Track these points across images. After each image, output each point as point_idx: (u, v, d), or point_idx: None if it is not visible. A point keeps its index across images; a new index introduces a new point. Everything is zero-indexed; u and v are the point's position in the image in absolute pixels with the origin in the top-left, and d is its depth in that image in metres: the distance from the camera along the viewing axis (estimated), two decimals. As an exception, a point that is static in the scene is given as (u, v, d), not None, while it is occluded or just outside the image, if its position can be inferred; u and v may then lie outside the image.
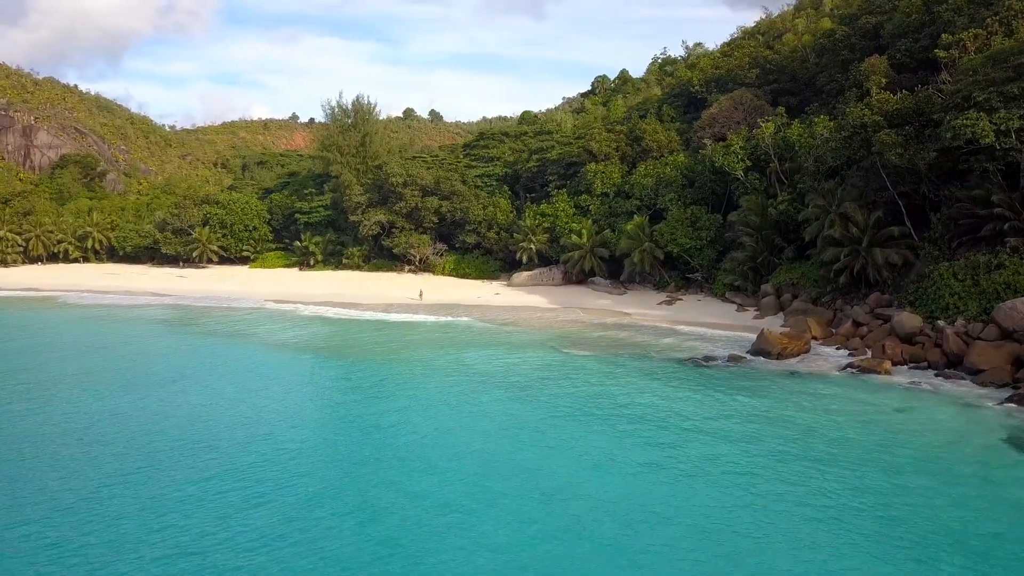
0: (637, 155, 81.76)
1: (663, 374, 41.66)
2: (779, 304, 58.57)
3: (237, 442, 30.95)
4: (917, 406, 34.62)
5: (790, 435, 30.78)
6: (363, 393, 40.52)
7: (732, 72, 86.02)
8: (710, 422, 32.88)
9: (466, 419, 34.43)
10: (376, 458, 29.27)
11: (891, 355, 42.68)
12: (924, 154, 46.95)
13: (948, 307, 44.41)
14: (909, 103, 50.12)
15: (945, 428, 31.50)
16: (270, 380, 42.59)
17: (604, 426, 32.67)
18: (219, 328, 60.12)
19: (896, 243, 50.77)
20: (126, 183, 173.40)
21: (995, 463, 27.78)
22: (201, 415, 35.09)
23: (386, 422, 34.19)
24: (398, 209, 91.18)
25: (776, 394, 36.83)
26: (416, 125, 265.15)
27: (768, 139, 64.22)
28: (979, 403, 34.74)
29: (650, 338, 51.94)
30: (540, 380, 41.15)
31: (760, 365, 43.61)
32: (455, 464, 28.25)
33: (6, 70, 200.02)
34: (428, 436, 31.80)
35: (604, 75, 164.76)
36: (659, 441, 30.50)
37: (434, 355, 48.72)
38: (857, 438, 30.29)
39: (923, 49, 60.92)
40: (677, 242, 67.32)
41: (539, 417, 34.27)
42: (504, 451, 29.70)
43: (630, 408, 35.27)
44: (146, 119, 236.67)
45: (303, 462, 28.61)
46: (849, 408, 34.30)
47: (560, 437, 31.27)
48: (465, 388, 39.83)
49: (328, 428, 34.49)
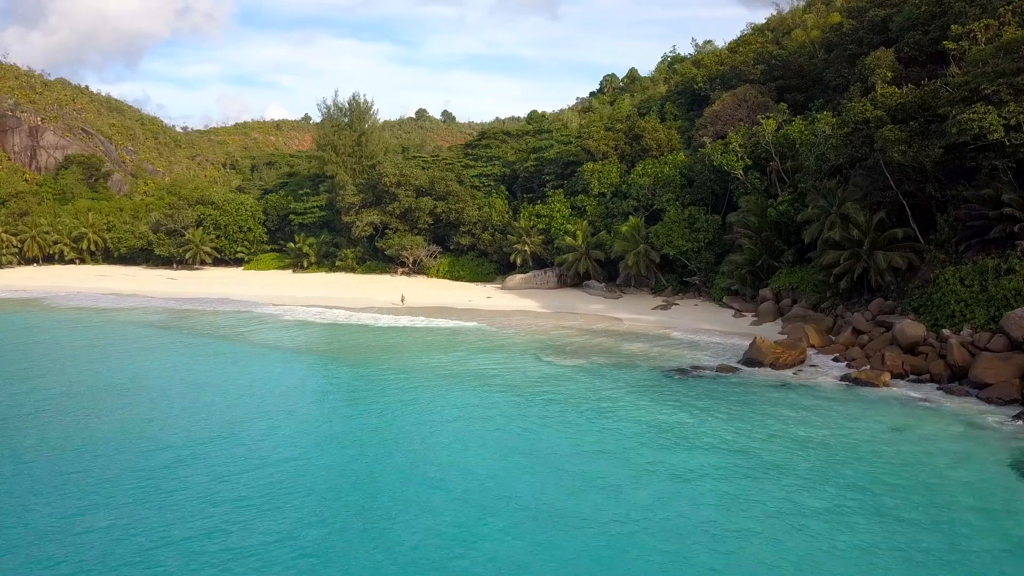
0: (636, 154, 79.01)
1: (644, 386, 38.98)
2: (778, 310, 55.70)
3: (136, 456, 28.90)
4: (915, 425, 31.75)
5: (767, 460, 28.01)
6: (307, 404, 38.06)
7: (737, 68, 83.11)
8: (678, 446, 30.04)
9: (401, 445, 31.10)
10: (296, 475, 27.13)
11: (891, 366, 39.76)
12: (929, 151, 43.97)
13: (954, 315, 41.45)
14: (914, 97, 47.15)
15: (944, 451, 28.63)
16: (216, 390, 40.27)
17: (560, 450, 29.74)
18: (190, 332, 58.08)
19: (900, 246, 47.78)
20: (132, 184, 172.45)
21: (998, 494, 24.90)
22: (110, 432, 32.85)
23: (310, 440, 31.96)
24: (391, 210, 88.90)
25: (760, 410, 34.05)
26: (428, 126, 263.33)
27: (769, 136, 61.31)
28: (983, 421, 31.83)
29: (639, 346, 49.23)
30: (510, 393, 38.54)
31: (750, 376, 40.81)
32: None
33: (15, 71, 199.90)
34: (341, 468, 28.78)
35: (612, 74, 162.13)
36: (612, 474, 27.27)
37: (403, 363, 46.58)
38: (844, 464, 27.49)
39: (932, 42, 57.95)
40: (673, 244, 64.49)
41: (489, 440, 31.34)
42: (422, 480, 27.08)
43: (597, 428, 32.48)
44: (156, 120, 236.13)
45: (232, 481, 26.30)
46: (839, 427, 31.49)
47: (495, 469, 27.93)
48: (424, 404, 37.37)
49: (263, 442, 32.02)
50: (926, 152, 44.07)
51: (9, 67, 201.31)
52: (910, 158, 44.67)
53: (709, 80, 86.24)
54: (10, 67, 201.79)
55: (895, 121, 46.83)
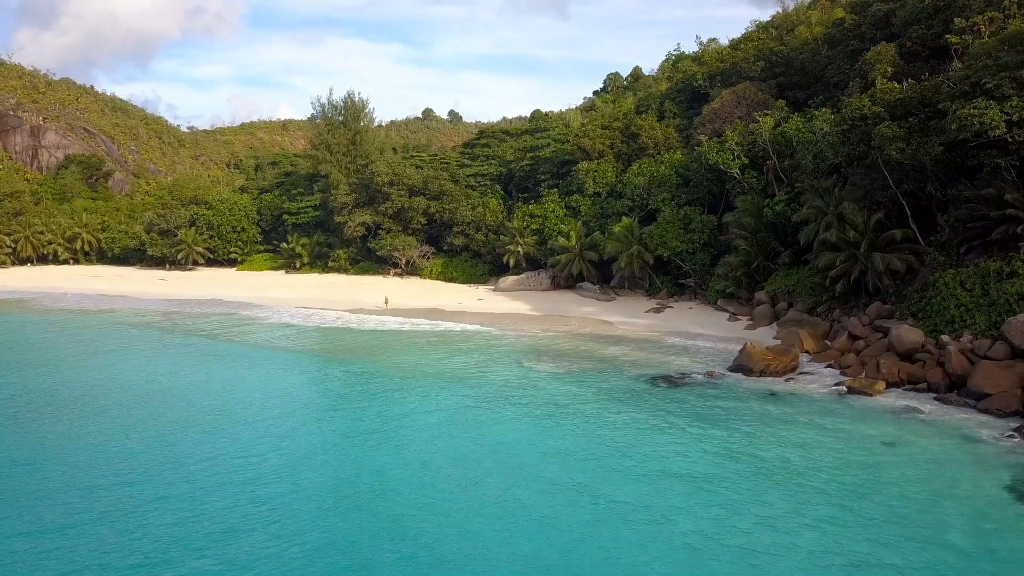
0: (633, 153, 77.15)
1: (624, 395, 37.19)
2: (774, 313, 53.77)
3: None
4: (908, 439, 29.83)
5: (741, 482, 26.05)
6: (266, 412, 36.00)
7: (737, 66, 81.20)
8: (650, 459, 28.17)
9: (364, 460, 29.64)
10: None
11: (886, 374, 37.82)
12: (929, 148, 41.99)
13: (953, 320, 39.48)
14: (913, 92, 45.19)
15: (937, 469, 26.70)
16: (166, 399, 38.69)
17: (522, 464, 28.01)
18: (168, 334, 56.72)
19: (899, 248, 45.82)
20: (134, 183, 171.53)
21: (993, 517, 23.00)
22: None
23: (258, 449, 30.29)
24: (384, 210, 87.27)
25: (742, 423, 32.17)
26: (435, 125, 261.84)
27: (766, 134, 59.36)
28: (981, 435, 29.87)
29: (626, 351, 47.43)
30: (481, 402, 36.76)
31: (738, 384, 38.94)
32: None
33: (19, 71, 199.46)
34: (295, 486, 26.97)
35: (616, 72, 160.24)
36: (569, 488, 25.72)
37: (376, 368, 45.20)
38: (828, 482, 25.61)
39: (936, 36, 55.90)
40: (667, 245, 62.61)
41: (437, 453, 29.56)
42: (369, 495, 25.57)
43: (566, 439, 30.75)
44: (160, 119, 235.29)
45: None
46: (823, 442, 29.58)
47: (453, 485, 26.31)
48: (393, 410, 35.88)
49: (204, 446, 30.56)
50: (925, 150, 42.11)
51: (13, 67, 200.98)
52: (909, 156, 42.71)
53: (709, 77, 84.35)
54: (14, 67, 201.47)
55: (894, 118, 44.89)
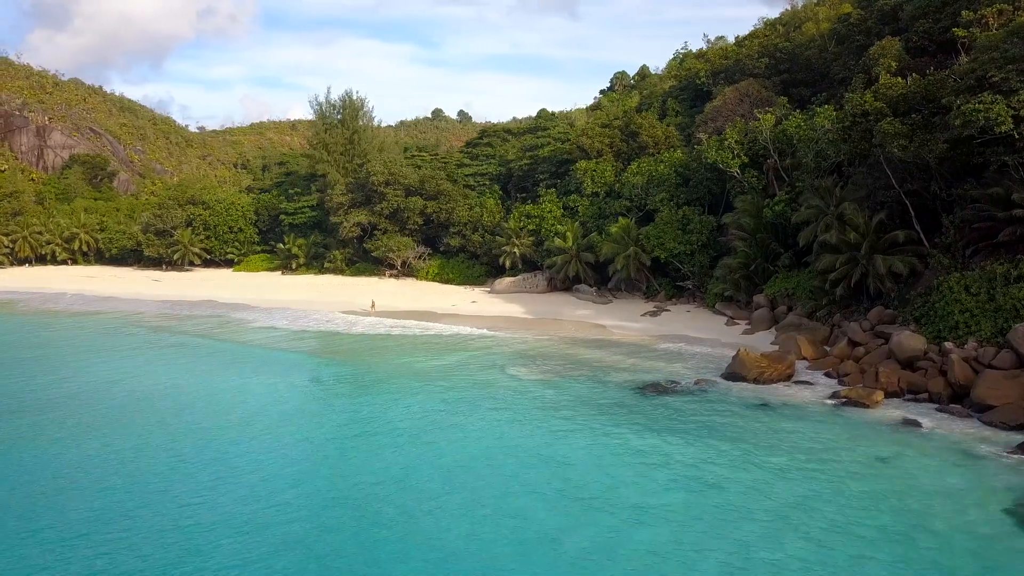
0: (633, 152, 75.34)
1: (607, 405, 35.42)
2: (773, 317, 51.83)
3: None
4: (903, 455, 27.91)
5: (721, 499, 24.29)
6: (215, 421, 34.27)
7: (741, 62, 79.34)
8: (624, 479, 26.27)
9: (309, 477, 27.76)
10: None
11: (885, 384, 35.88)
12: (932, 146, 40.00)
13: (957, 326, 37.47)
14: (917, 87, 43.19)
15: (934, 489, 24.76)
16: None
17: (463, 487, 25.90)
18: (148, 336, 55.48)
19: (902, 250, 43.78)
20: (139, 183, 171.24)
21: (994, 547, 21.03)
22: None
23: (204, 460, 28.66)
24: (379, 210, 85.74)
25: (728, 436, 30.32)
26: (444, 125, 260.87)
27: (767, 132, 57.41)
28: (983, 451, 27.92)
29: (617, 357, 45.65)
30: (452, 412, 35.01)
31: (728, 393, 37.08)
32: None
33: (27, 71, 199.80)
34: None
35: (623, 71, 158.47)
36: (526, 512, 23.77)
37: (351, 373, 43.91)
38: (808, 506, 23.68)
39: (943, 30, 53.83)
40: (665, 246, 60.72)
41: (392, 473, 27.57)
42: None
43: (522, 457, 28.71)
44: (169, 120, 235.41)
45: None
46: (814, 458, 27.71)
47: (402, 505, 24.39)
48: (343, 420, 34.28)
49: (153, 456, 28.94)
50: (929, 147, 40.13)
51: (21, 67, 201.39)
52: (911, 154, 40.78)
53: (713, 75, 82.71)
54: (21, 67, 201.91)
55: (897, 114, 42.94)
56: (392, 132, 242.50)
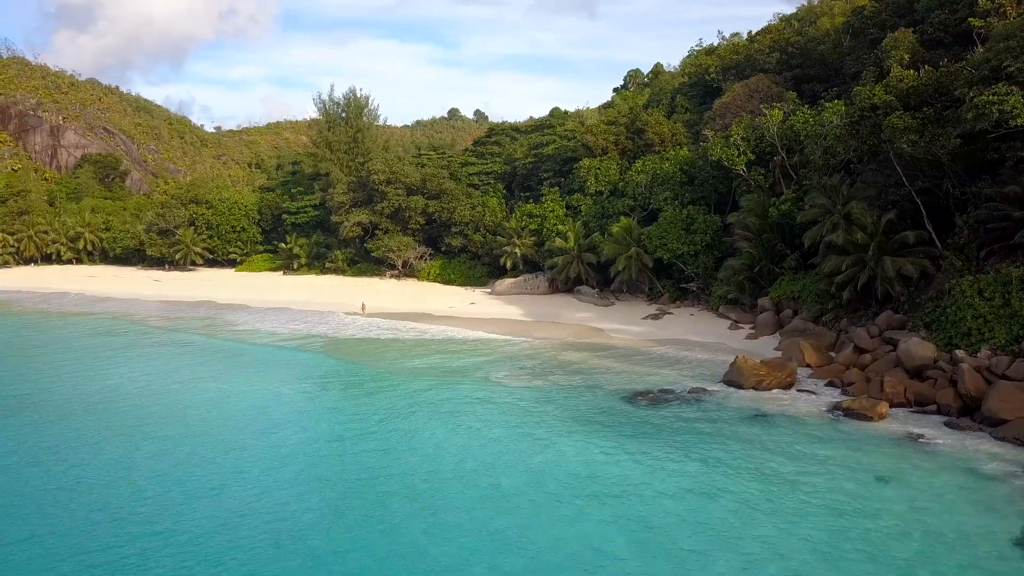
0: (639, 150, 73.19)
1: (593, 415, 33.41)
2: (778, 321, 49.61)
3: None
4: (905, 474, 25.72)
5: (703, 520, 22.33)
6: (160, 431, 32.36)
7: (751, 58, 77.01)
8: (588, 504, 24.13)
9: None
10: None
11: (891, 394, 33.64)
12: (944, 141, 37.73)
13: (970, 333, 35.16)
14: (929, 80, 40.82)
15: (936, 515, 22.56)
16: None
17: (439, 507, 24.01)
18: (126, 338, 54.17)
19: (912, 251, 41.44)
20: (152, 183, 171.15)
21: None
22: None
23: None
24: (381, 209, 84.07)
25: (717, 451, 28.22)
26: (460, 125, 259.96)
27: (774, 128, 55.10)
28: (993, 470, 25.69)
29: (611, 362, 43.61)
30: (424, 422, 33.20)
31: (724, 402, 34.96)
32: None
33: (43, 71, 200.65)
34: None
35: (637, 69, 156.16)
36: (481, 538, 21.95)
37: (327, 378, 42.24)
38: (794, 533, 21.58)
39: (959, 21, 51.32)
40: (667, 247, 58.52)
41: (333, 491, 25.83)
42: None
43: (500, 475, 26.72)
44: (184, 119, 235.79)
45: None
46: (806, 477, 25.57)
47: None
48: (300, 430, 32.58)
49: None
50: (941, 142, 37.86)
51: (37, 67, 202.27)
52: (922, 150, 38.47)
53: (723, 70, 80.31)
54: (38, 67, 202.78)
55: (907, 108, 40.61)
56: (408, 132, 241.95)
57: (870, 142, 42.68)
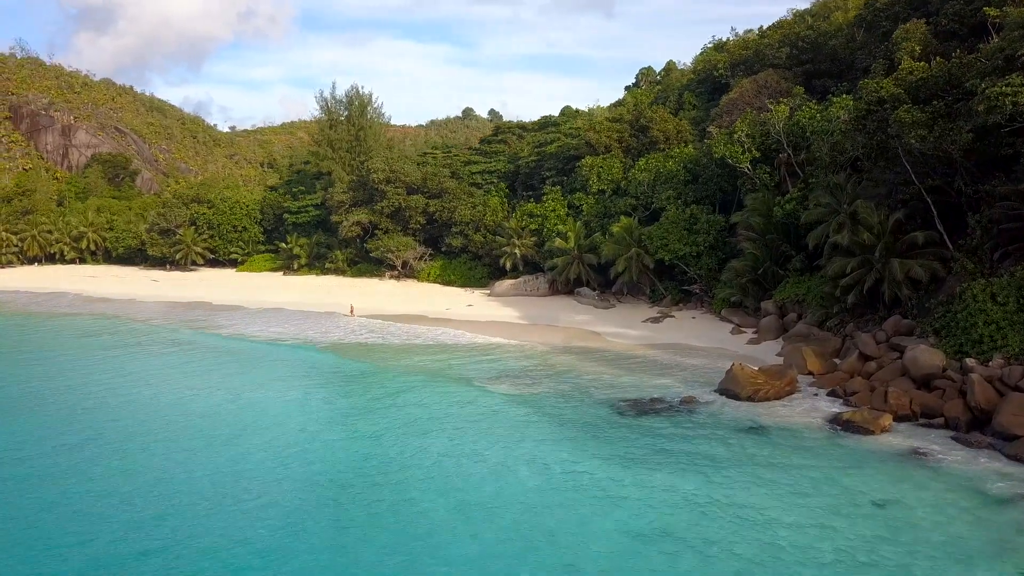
0: (644, 147, 71.12)
1: (576, 425, 31.56)
2: (782, 326, 47.42)
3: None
4: (906, 497, 23.60)
5: (679, 549, 20.36)
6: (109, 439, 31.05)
7: (761, 53, 74.82)
8: (551, 526, 22.34)
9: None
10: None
11: (895, 406, 31.46)
12: (955, 135, 35.47)
13: (982, 340, 32.99)
14: (940, 71, 38.57)
15: (938, 548, 20.40)
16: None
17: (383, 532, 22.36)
18: (104, 340, 52.88)
19: (921, 253, 39.21)
20: (163, 182, 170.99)
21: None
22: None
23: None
24: (380, 208, 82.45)
25: (703, 467, 26.26)
26: (474, 124, 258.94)
27: (779, 124, 52.91)
28: (1004, 492, 23.54)
29: (604, 368, 41.65)
30: (404, 431, 31.49)
31: (718, 413, 32.94)
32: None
33: (57, 71, 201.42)
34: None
35: (649, 67, 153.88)
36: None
37: (299, 384, 40.36)
38: (780, 565, 19.56)
39: (975, 11, 49.01)
40: (668, 248, 56.42)
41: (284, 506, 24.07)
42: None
43: (453, 488, 25.09)
44: (198, 119, 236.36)
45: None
46: (797, 499, 23.53)
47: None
48: (260, 436, 30.89)
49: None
50: (951, 137, 35.62)
51: (51, 67, 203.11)
52: (931, 145, 36.24)
53: (731, 66, 78.23)
54: (52, 67, 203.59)
55: (916, 101, 38.43)
56: (423, 132, 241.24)
57: (877, 138, 40.43)
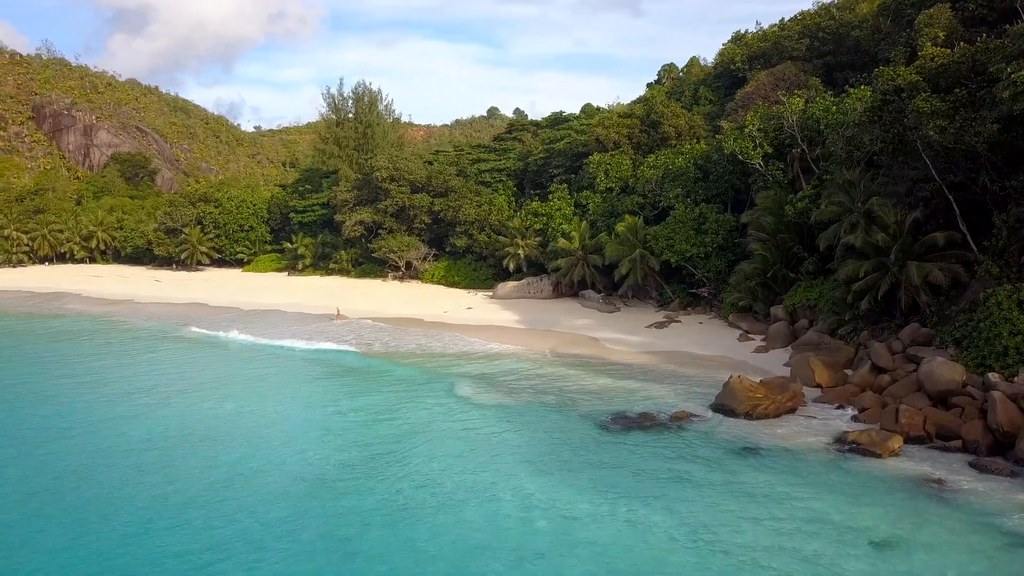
0: (655, 143, 68.13)
1: (554, 441, 28.91)
2: (792, 333, 44.27)
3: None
4: (913, 537, 20.60)
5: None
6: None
7: (779, 44, 71.51)
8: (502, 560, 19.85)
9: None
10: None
11: (907, 425, 28.37)
12: (979, 126, 32.20)
13: (1007, 352, 29.77)
14: (962, 57, 35.25)
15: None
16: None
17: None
18: (84, 343, 50.94)
19: (942, 255, 35.96)
20: (183, 181, 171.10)
21: None
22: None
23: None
24: (384, 207, 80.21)
25: (686, 496, 23.45)
26: (499, 124, 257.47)
27: (793, 118, 49.72)
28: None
29: (595, 378, 38.85)
30: (372, 443, 29.07)
31: (711, 431, 30.04)
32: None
33: (81, 71, 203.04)
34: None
35: (672, 63, 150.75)
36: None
37: (264, 388, 38.40)
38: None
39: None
40: (675, 249, 53.42)
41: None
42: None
43: (404, 513, 22.66)
44: (221, 119, 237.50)
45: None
46: (785, 537, 20.63)
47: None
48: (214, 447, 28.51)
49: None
50: (975, 128, 32.37)
51: (76, 68, 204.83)
52: (952, 137, 33.00)
53: (749, 59, 74.89)
54: (77, 68, 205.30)
55: (937, 90, 35.17)
56: (447, 131, 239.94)
57: (894, 130, 37.21)
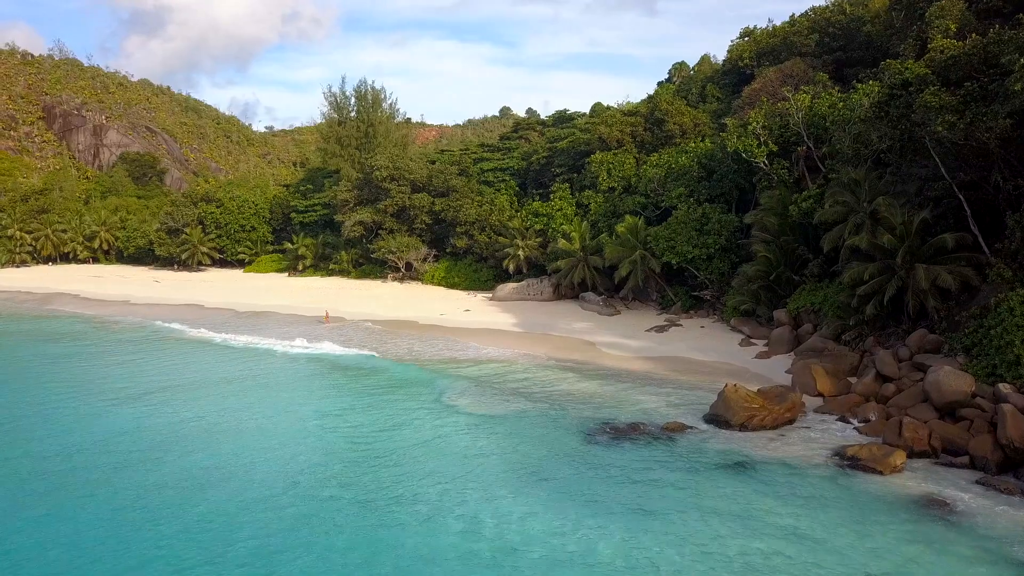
0: (659, 142, 66.51)
1: (536, 453, 27.42)
2: (795, 338, 42.52)
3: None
4: (911, 568, 18.93)
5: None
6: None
7: (788, 40, 69.81)
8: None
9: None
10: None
11: (911, 439, 26.65)
12: (991, 121, 30.43)
13: (1019, 361, 27.96)
14: (973, 49, 33.45)
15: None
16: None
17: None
18: (70, 345, 49.88)
19: (952, 258, 34.16)
20: (192, 181, 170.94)
21: None
22: None
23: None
24: (384, 207, 78.91)
25: (669, 517, 21.84)
26: (509, 124, 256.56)
27: (798, 115, 47.98)
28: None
29: (588, 384, 37.33)
30: (346, 453, 27.72)
31: (703, 443, 28.43)
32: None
33: (93, 72, 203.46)
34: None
35: (683, 62, 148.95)
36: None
37: (239, 400, 36.57)
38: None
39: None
40: (676, 250, 51.72)
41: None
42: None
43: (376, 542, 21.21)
44: (232, 119, 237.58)
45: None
46: (771, 566, 19.01)
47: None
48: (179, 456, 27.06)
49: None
50: (986, 123, 30.62)
51: (88, 68, 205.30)
52: (962, 133, 31.25)
53: (757, 55, 73.19)
54: (89, 68, 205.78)
55: (946, 83, 33.41)
56: (459, 131, 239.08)
57: (902, 126, 35.47)
